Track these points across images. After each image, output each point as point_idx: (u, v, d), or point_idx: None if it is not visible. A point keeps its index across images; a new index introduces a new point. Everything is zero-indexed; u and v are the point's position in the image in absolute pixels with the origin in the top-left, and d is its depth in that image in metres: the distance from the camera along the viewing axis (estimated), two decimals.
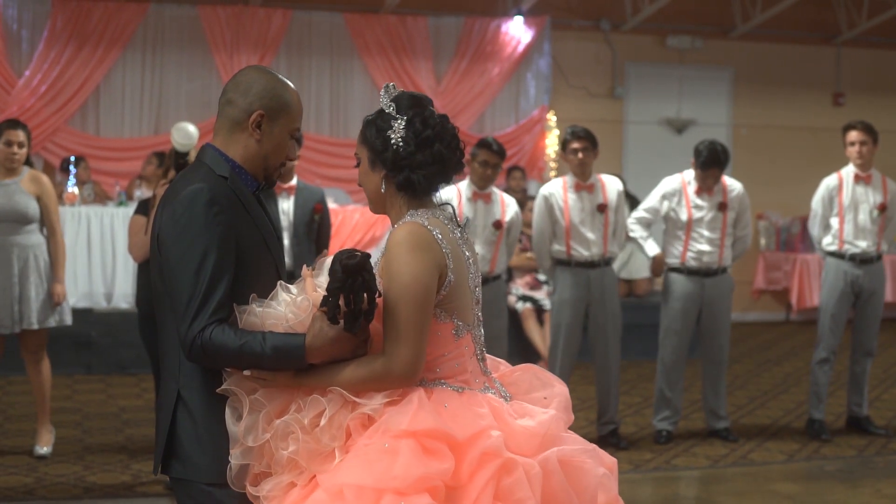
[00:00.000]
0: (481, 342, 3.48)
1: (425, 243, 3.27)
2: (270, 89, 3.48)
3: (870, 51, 16.95)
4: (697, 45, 16.03)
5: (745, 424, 9.34)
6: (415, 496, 3.02)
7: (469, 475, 3.12)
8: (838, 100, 16.86)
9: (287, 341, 3.19)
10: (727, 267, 8.75)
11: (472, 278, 3.44)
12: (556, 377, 3.61)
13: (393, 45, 14.58)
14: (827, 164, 15.56)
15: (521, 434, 3.23)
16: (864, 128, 8.94)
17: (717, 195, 8.64)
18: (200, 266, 3.23)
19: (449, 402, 3.27)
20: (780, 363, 12.61)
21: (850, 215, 8.95)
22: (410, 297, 3.21)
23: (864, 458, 8.40)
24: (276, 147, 3.51)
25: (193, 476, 3.35)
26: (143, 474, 7.54)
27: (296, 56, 14.45)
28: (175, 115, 13.70)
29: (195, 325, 3.21)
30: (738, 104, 16.50)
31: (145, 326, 7.22)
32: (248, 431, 3.25)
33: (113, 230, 11.38)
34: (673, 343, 8.72)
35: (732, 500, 7.30)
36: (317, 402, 3.23)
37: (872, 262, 9.00)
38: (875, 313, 9.08)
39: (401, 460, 3.06)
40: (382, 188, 3.41)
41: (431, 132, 3.38)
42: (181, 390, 3.36)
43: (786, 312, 16.26)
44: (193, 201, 3.28)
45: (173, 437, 3.37)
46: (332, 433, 3.19)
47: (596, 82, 15.88)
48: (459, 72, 14.90)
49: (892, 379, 11.59)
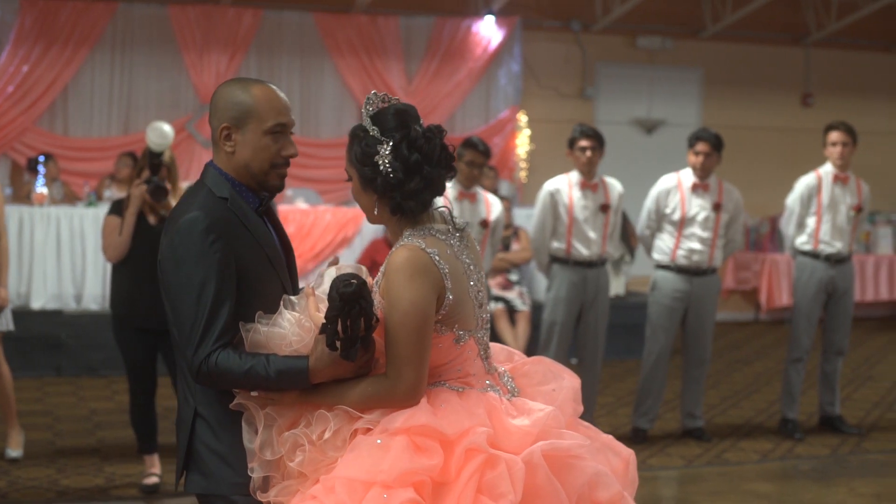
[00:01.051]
0: (485, 342, 3.53)
1: (423, 267, 3.31)
2: (229, 99, 3.50)
3: (838, 52, 17.03)
4: (667, 45, 16.06)
5: (718, 424, 9.36)
6: (399, 489, 3.12)
7: (456, 471, 3.19)
8: (807, 100, 16.93)
9: (291, 365, 3.29)
10: (716, 267, 8.76)
11: (475, 285, 3.47)
12: (568, 369, 3.68)
13: (364, 44, 14.53)
14: (796, 165, 15.68)
15: (515, 433, 3.29)
16: (845, 129, 8.97)
17: (713, 194, 8.65)
18: (200, 295, 3.30)
19: (446, 401, 3.34)
20: (750, 363, 12.65)
21: (828, 215, 8.97)
22: (410, 323, 3.28)
23: (837, 458, 8.43)
24: (254, 152, 3.49)
25: (216, 489, 3.44)
26: (117, 477, 7.49)
27: (266, 56, 14.38)
28: (144, 115, 13.63)
29: (200, 351, 3.30)
30: (707, 105, 16.54)
31: (119, 328, 7.15)
32: (265, 446, 3.36)
33: (83, 231, 11.28)
34: (659, 340, 8.73)
35: (708, 500, 7.30)
36: (323, 417, 3.33)
37: (844, 263, 9.04)
38: (847, 312, 9.12)
39: (390, 455, 3.16)
40: (376, 210, 3.46)
41: (419, 156, 3.38)
42: (198, 407, 3.46)
43: (755, 312, 16.30)
44: (190, 231, 3.34)
45: (192, 452, 3.46)
46: (335, 445, 3.30)
47: (566, 82, 15.88)
48: (430, 72, 14.87)
49: (861, 378, 11.65)
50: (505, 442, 3.26)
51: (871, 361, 12.77)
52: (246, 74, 14.06)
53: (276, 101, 3.51)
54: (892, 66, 17.39)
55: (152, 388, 7.25)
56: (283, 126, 3.51)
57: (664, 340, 8.74)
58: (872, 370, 12.23)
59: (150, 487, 7.17)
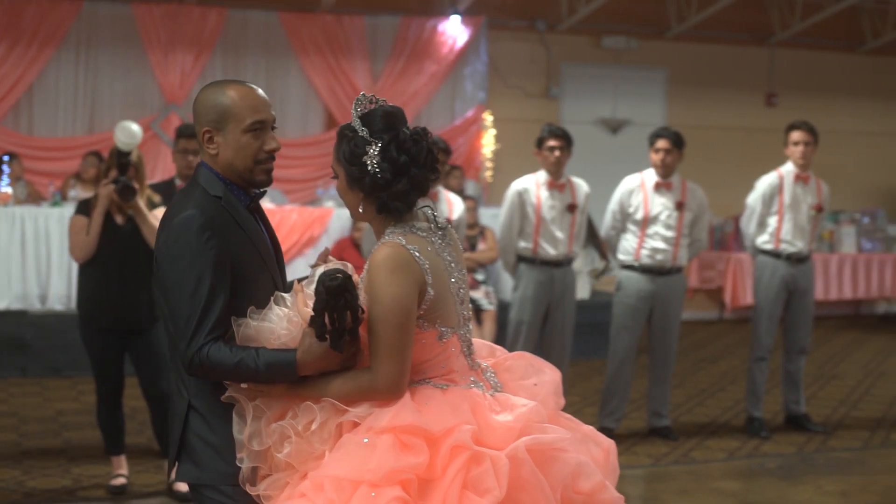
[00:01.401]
0: (468, 339, 3.61)
1: (403, 264, 3.39)
2: (208, 104, 3.59)
3: (802, 52, 17.14)
4: (632, 45, 16.11)
5: (684, 423, 9.40)
6: (386, 488, 3.19)
7: (442, 468, 3.26)
8: (771, 100, 17.04)
9: (279, 357, 3.38)
10: (681, 267, 8.79)
11: (456, 282, 3.55)
12: (549, 364, 3.79)
13: (329, 44, 14.50)
14: (760, 164, 15.70)
15: (499, 429, 3.36)
16: (807, 129, 9.04)
17: (677, 193, 8.68)
18: (196, 289, 3.40)
19: (431, 399, 3.41)
20: (715, 361, 12.71)
21: (790, 215, 9.03)
22: (391, 318, 3.36)
23: (803, 456, 8.48)
24: (236, 151, 3.57)
25: (208, 480, 3.54)
26: (84, 478, 7.45)
27: (231, 55, 14.33)
28: (109, 114, 13.58)
29: (193, 344, 3.40)
30: (672, 104, 16.61)
31: (86, 329, 7.10)
32: (253, 437, 3.44)
33: (47, 231, 11.21)
34: (624, 340, 8.76)
35: (677, 499, 7.34)
36: (309, 409, 3.41)
37: (805, 262, 9.11)
38: (808, 311, 9.19)
39: (376, 454, 3.24)
40: (361, 208, 3.52)
41: (406, 158, 3.45)
42: (192, 399, 3.55)
43: (719, 311, 16.37)
44: (186, 228, 3.44)
45: (185, 443, 3.56)
46: (322, 437, 3.38)
47: (532, 82, 15.91)
48: (396, 71, 14.87)
49: (826, 376, 11.72)
50: (489, 438, 3.33)
51: (835, 360, 12.86)
52: (211, 74, 14.06)
53: (253, 99, 3.58)
54: (855, 66, 17.52)
55: (119, 388, 7.21)
56: (262, 123, 3.57)
57: (629, 340, 8.76)
58: (837, 368, 12.31)
59: (117, 489, 7.13)
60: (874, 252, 16.41)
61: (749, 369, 9.20)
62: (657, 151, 8.65)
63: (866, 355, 13.32)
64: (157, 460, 7.84)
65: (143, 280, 6.99)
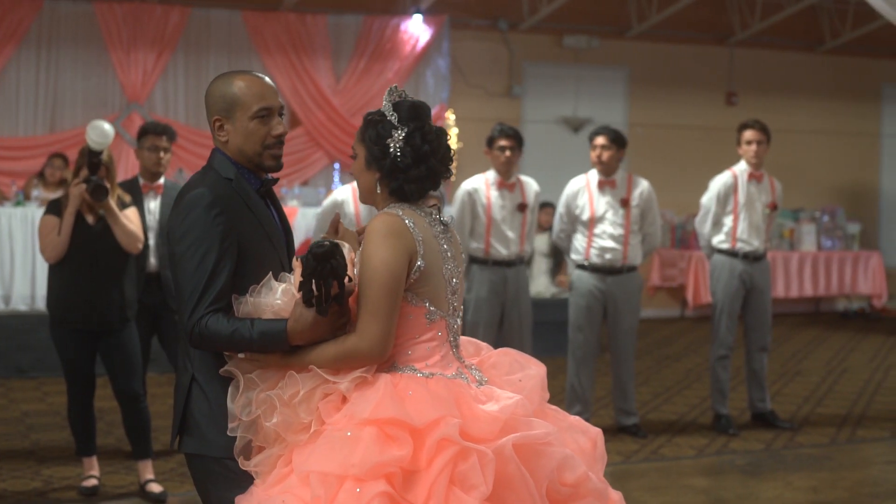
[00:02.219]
0: (455, 330, 3.73)
1: (396, 230, 3.54)
2: (215, 93, 3.80)
3: (762, 51, 17.26)
4: (594, 44, 16.16)
5: (651, 420, 9.44)
6: (371, 482, 3.26)
7: (427, 461, 3.32)
8: (731, 99, 17.14)
9: (272, 326, 3.52)
10: (634, 265, 8.80)
11: (449, 270, 3.68)
12: (534, 359, 3.88)
13: (292, 43, 14.46)
14: (721, 163, 15.75)
15: (483, 419, 3.43)
16: (759, 127, 9.12)
17: (621, 190, 8.71)
18: (201, 262, 3.57)
19: (413, 389, 3.48)
20: (679, 359, 12.78)
21: (745, 213, 9.11)
22: (379, 279, 3.49)
23: (772, 452, 8.54)
24: (245, 137, 3.74)
25: (207, 451, 3.68)
26: (55, 480, 7.40)
27: (193, 54, 14.23)
28: (71, 113, 13.51)
29: (195, 314, 3.56)
30: (633, 103, 16.68)
31: (56, 329, 7.04)
32: (244, 407, 3.56)
33: (10, 231, 11.14)
34: (579, 339, 8.79)
35: (648, 495, 7.37)
36: (293, 379, 3.52)
37: (761, 260, 9.18)
38: (766, 309, 9.26)
39: (360, 448, 3.31)
40: (377, 189, 3.70)
41: (429, 148, 3.65)
42: (195, 373, 3.70)
43: (681, 309, 16.47)
44: (196, 204, 3.62)
45: (188, 416, 3.71)
46: (308, 407, 3.48)
47: (494, 81, 15.94)
48: (358, 70, 14.85)
49: (790, 373, 11.81)
50: (474, 428, 3.40)
51: (798, 357, 12.96)
52: (173, 73, 14.04)
53: (259, 87, 3.77)
54: (814, 65, 17.66)
55: (91, 389, 7.16)
56: (268, 109, 3.74)
57: (584, 340, 8.78)
58: (800, 365, 12.41)
59: (89, 490, 7.08)
60: (834, 250, 16.57)
61: (712, 368, 9.24)
62: (594, 149, 8.69)
63: (828, 352, 13.43)
64: (128, 461, 7.79)
65: (114, 280, 6.96)
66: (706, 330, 14.77)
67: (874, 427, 9.39)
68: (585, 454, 3.68)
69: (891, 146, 18.39)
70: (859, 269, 16.69)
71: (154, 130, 7.81)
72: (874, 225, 18.21)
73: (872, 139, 18.28)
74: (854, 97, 17.97)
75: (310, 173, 14.60)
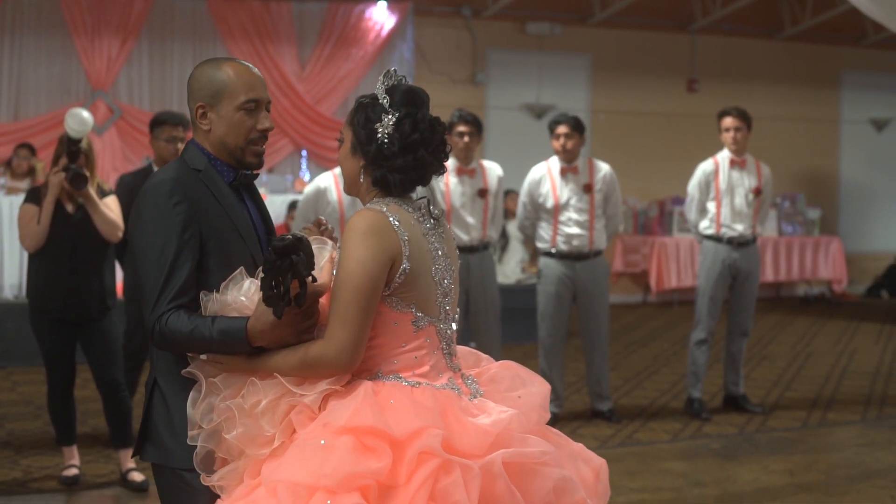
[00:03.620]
0: (448, 336, 3.44)
1: (378, 229, 3.26)
2: (203, 79, 3.56)
3: (723, 38, 17.39)
4: (556, 31, 16.21)
5: (624, 405, 9.50)
6: (344, 495, 2.99)
7: (407, 476, 3.06)
8: (693, 86, 17.24)
9: (231, 325, 3.26)
10: (600, 250, 8.85)
11: (440, 270, 3.40)
12: (538, 376, 3.60)
13: (257, 30, 14.42)
14: (682, 149, 16.03)
15: (472, 433, 3.17)
16: (738, 114, 9.19)
17: (583, 176, 8.75)
18: (160, 256, 3.32)
19: (396, 397, 3.22)
20: (646, 345, 12.86)
21: (726, 199, 9.17)
22: (352, 281, 3.20)
23: (745, 436, 8.62)
24: (229, 128, 3.53)
25: (166, 461, 3.44)
26: (34, 470, 7.36)
27: (158, 41, 14.16)
28: (35, 101, 13.41)
29: (155, 311, 3.31)
30: (596, 90, 16.75)
31: (36, 319, 7.00)
32: (204, 414, 3.30)
33: None
34: (548, 326, 8.82)
35: (627, 480, 7.41)
36: (255, 387, 3.26)
37: (748, 245, 9.25)
38: (751, 294, 9.33)
39: (334, 458, 3.05)
40: (361, 178, 3.43)
41: (419, 136, 3.37)
42: (157, 377, 3.48)
43: (643, 294, 16.58)
44: (154, 193, 3.38)
45: (147, 422, 3.49)
46: (272, 419, 3.22)
47: (457, 68, 15.96)
48: (323, 57, 14.83)
49: (757, 358, 11.92)
50: (461, 441, 3.14)
51: (763, 342, 13.08)
52: (137, 60, 13.96)
53: (249, 77, 3.56)
54: (774, 52, 17.81)
55: (71, 378, 7.12)
56: (256, 101, 3.55)
57: (553, 327, 8.81)
58: (766, 350, 12.53)
59: (70, 479, 7.05)
60: (794, 235, 16.74)
61: (690, 351, 9.30)
62: (557, 138, 8.70)
63: (792, 337, 13.57)
64: (105, 450, 7.77)
65: (94, 269, 6.94)
66: (670, 315, 14.94)
67: (844, 411, 9.49)
68: (587, 485, 3.38)
69: (850, 132, 18.60)
70: (819, 254, 16.88)
71: (171, 121, 7.78)
72: (834, 211, 18.41)
73: (832, 125, 18.48)
74: (814, 84, 18.15)
75: (275, 160, 14.57)
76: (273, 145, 14.51)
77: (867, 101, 18.64)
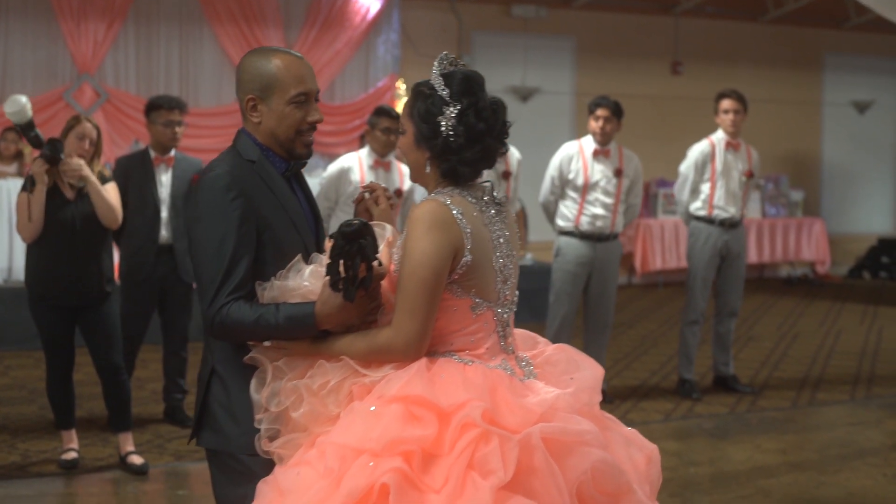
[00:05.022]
0: (505, 320, 3.48)
1: (441, 222, 3.31)
2: (253, 71, 3.57)
3: (706, 21, 17.43)
4: (541, 14, 16.22)
5: (616, 386, 9.58)
6: (387, 458, 3.10)
7: (451, 443, 3.15)
8: (677, 68, 17.28)
9: (298, 310, 3.35)
10: (618, 233, 8.93)
11: (499, 257, 3.44)
12: (591, 359, 3.66)
13: (243, 13, 14.35)
14: (667, 131, 16.10)
15: (517, 410, 3.24)
16: (736, 97, 9.27)
17: (614, 160, 8.81)
18: (219, 249, 3.40)
19: (448, 372, 3.31)
20: (633, 326, 12.93)
21: (722, 181, 9.25)
22: (419, 274, 3.29)
23: (736, 415, 8.72)
24: (279, 121, 3.56)
25: (225, 446, 3.53)
26: (32, 454, 7.39)
27: (144, 24, 14.06)
28: (21, 85, 13.30)
29: (215, 303, 3.40)
30: (580, 73, 16.77)
31: (36, 305, 6.97)
32: (272, 398, 3.40)
33: None
34: (564, 306, 8.85)
35: None
36: (323, 368, 3.37)
37: (737, 227, 9.33)
38: (739, 275, 9.43)
39: (381, 424, 3.16)
40: (427, 168, 3.46)
41: (484, 126, 3.39)
42: (215, 365, 3.56)
43: (628, 276, 16.64)
44: (212, 188, 3.44)
45: (206, 409, 3.57)
46: (337, 399, 3.33)
47: (443, 51, 15.84)
48: (310, 40, 14.79)
49: (743, 339, 12.02)
50: (508, 418, 3.21)
51: (748, 323, 13.17)
52: (124, 43, 13.89)
53: (299, 69, 3.57)
54: (757, 34, 17.87)
55: (70, 363, 7.15)
56: (306, 94, 3.57)
57: (569, 306, 8.86)
58: (752, 331, 12.63)
59: (69, 463, 7.08)
60: (778, 217, 16.86)
61: (681, 332, 9.39)
62: (597, 119, 8.77)
63: (777, 318, 13.67)
64: (103, 433, 7.81)
65: (93, 255, 6.94)
66: (655, 296, 15.02)
67: (833, 390, 9.60)
68: (638, 470, 3.42)
69: (832, 114, 18.70)
70: (803, 235, 17.01)
71: (167, 105, 7.81)
72: (816, 192, 18.52)
73: (814, 107, 18.58)
74: (796, 66, 18.23)
75: None
76: None
77: (849, 83, 18.74)
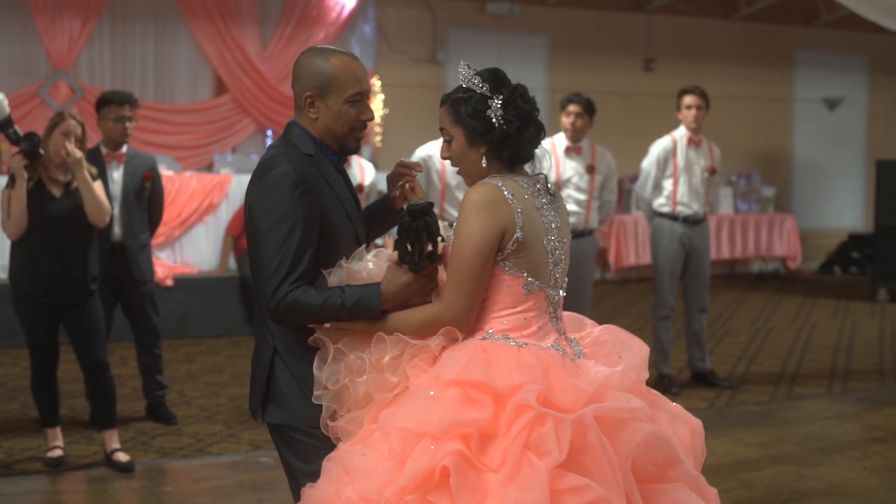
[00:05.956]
0: (556, 302, 3.69)
1: (490, 202, 3.53)
2: (313, 69, 3.78)
3: (679, 18, 17.53)
4: (515, 11, 16.29)
5: None
6: (446, 441, 3.29)
7: (507, 425, 3.33)
8: (649, 65, 17.39)
9: (364, 291, 3.60)
10: (592, 229, 8.98)
11: (552, 241, 3.65)
12: (637, 338, 3.84)
13: (219, 9, 14.33)
14: (639, 128, 16.16)
15: (570, 389, 3.42)
16: (699, 93, 9.34)
17: (587, 157, 8.87)
18: (286, 240, 3.61)
19: (503, 356, 3.49)
20: (607, 322, 12.90)
21: (684, 177, 9.32)
22: (466, 251, 3.51)
23: (716, 410, 8.79)
24: (336, 118, 3.79)
25: (292, 421, 3.76)
26: (16, 451, 7.38)
27: (119, 21, 14.05)
28: None
29: (280, 290, 3.60)
30: (554, 70, 16.85)
31: (20, 303, 6.96)
32: (330, 376, 3.63)
33: None
34: None
35: None
36: (381, 341, 3.60)
37: (700, 224, 9.42)
38: (704, 271, 9.52)
39: (440, 407, 3.36)
40: (484, 163, 3.66)
41: (529, 107, 3.66)
42: (277, 346, 3.77)
43: (602, 272, 16.71)
44: (280, 183, 3.64)
45: (272, 387, 3.79)
46: (393, 369, 3.56)
47: (418, 48, 16.00)
48: (285, 37, 14.80)
49: (719, 334, 12.11)
50: (560, 398, 3.38)
51: (723, 318, 13.27)
52: (99, 40, 13.90)
53: (356, 69, 3.80)
54: (730, 32, 17.99)
55: (55, 361, 7.14)
56: (362, 94, 3.81)
57: None
58: (727, 326, 12.72)
59: (55, 461, 7.07)
60: (750, 213, 16.97)
61: (654, 328, 9.46)
62: (568, 115, 8.83)
63: (751, 313, 13.78)
64: (86, 431, 7.81)
65: (79, 253, 6.92)
66: (630, 292, 15.10)
67: (810, 384, 9.70)
68: (683, 444, 3.59)
69: (803, 111, 18.84)
70: (774, 231, 17.12)
71: (118, 100, 7.75)
72: (788, 188, 18.66)
73: (785, 104, 18.71)
74: (768, 63, 18.35)
75: (237, 140, 14.54)
76: (235, 125, 14.51)
77: (820, 80, 18.87)
